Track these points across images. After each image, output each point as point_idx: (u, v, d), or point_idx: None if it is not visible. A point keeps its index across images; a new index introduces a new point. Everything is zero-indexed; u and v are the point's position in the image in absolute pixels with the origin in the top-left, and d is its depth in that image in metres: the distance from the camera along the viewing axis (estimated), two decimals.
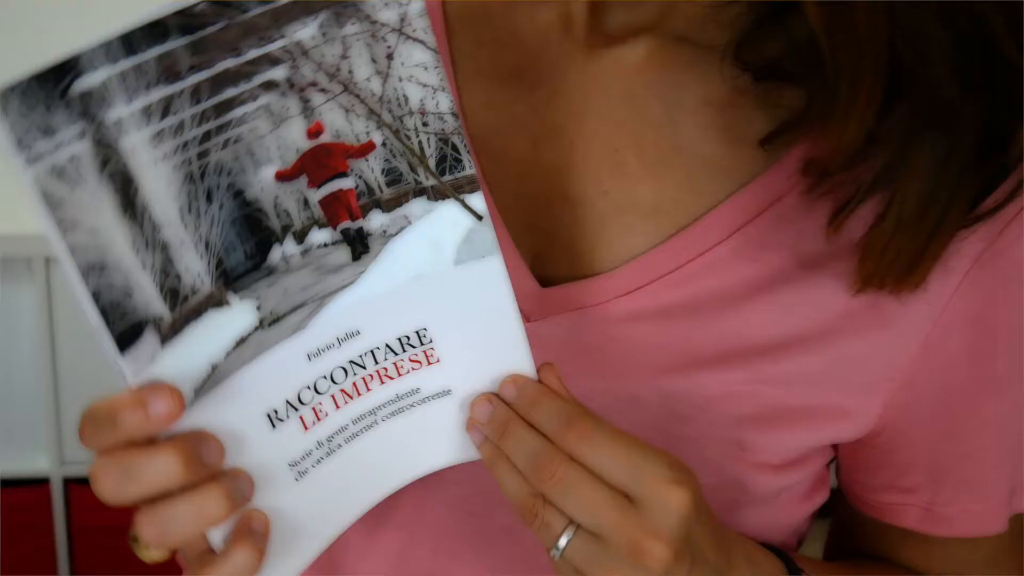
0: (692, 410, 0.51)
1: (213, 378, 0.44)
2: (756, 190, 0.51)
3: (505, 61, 0.55)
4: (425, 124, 0.45)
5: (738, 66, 0.49)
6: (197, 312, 0.43)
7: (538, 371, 0.46)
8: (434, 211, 0.46)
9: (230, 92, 0.41)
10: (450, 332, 0.47)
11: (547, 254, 0.54)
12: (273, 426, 0.46)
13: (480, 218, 0.46)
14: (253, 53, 0.40)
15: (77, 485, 1.56)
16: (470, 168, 0.45)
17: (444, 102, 0.44)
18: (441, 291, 0.47)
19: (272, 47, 0.41)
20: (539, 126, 0.54)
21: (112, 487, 0.41)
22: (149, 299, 0.42)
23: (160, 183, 0.41)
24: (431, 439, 0.49)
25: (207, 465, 0.42)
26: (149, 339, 0.42)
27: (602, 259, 0.53)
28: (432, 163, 0.45)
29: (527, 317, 0.53)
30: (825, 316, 0.51)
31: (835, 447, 0.57)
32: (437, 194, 0.46)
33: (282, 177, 0.44)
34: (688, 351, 0.51)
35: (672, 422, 0.51)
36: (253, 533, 0.44)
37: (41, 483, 1.56)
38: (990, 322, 0.51)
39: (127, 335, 0.41)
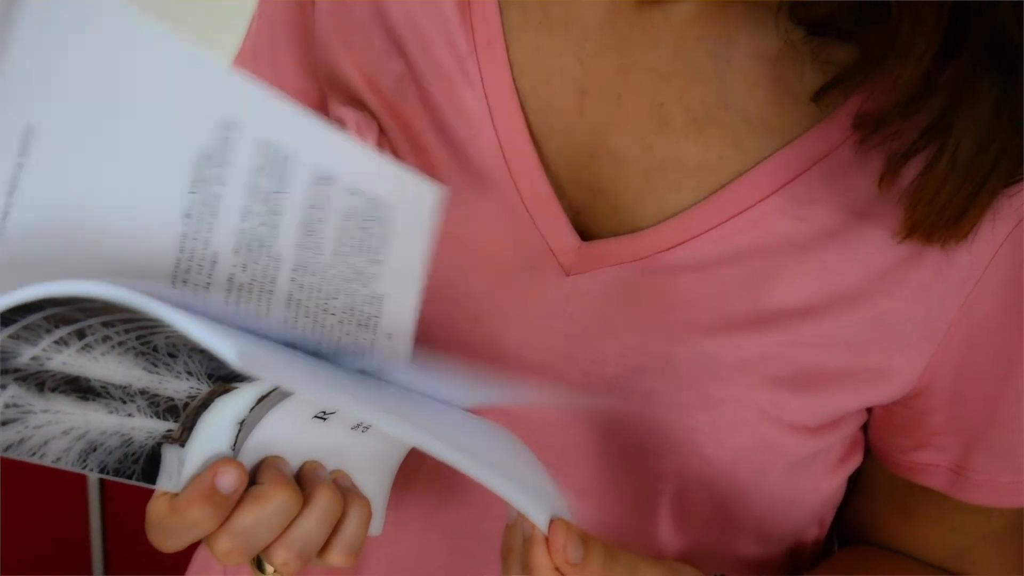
0: (729, 371, 0.51)
1: (244, 429, 0.44)
2: (802, 147, 0.51)
3: (553, 12, 0.54)
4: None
5: (792, 20, 0.48)
6: (204, 405, 0.42)
7: (551, 521, 0.43)
8: None
9: (147, 320, 0.35)
10: None
11: (589, 207, 0.54)
12: (324, 420, 0.46)
13: None
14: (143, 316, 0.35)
15: None
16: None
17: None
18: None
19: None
20: (585, 79, 0.53)
21: (242, 551, 0.43)
22: (150, 431, 0.41)
23: (110, 366, 0.38)
24: None
25: (289, 476, 0.45)
26: (170, 453, 0.42)
27: (645, 214, 0.53)
28: None
29: (567, 271, 0.53)
30: (868, 276, 0.50)
31: (869, 409, 0.56)
32: None
33: None
34: (727, 310, 0.51)
35: (708, 382, 0.51)
36: (349, 490, 0.47)
37: None
38: None
39: (149, 469, 0.41)
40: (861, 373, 0.51)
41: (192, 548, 0.76)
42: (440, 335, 0.53)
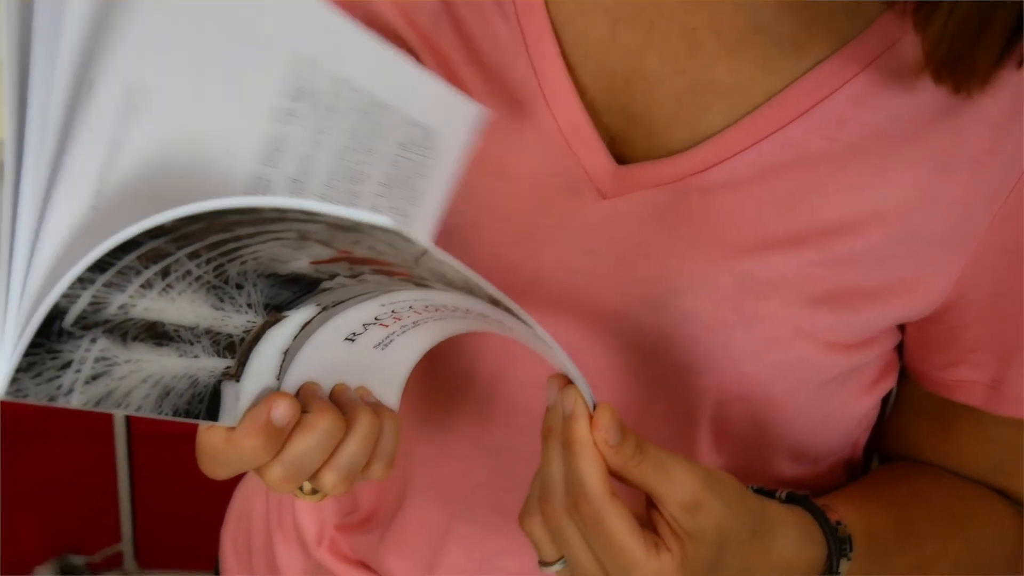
0: (764, 288, 0.52)
1: (288, 358, 0.46)
2: (831, 68, 0.52)
3: None
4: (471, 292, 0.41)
5: None
6: (257, 338, 0.44)
7: (596, 405, 0.45)
8: None
9: (232, 245, 0.37)
10: None
11: (625, 133, 0.55)
12: (353, 341, 0.48)
13: None
14: (246, 230, 0.36)
15: None
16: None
17: (484, 288, 0.39)
18: None
19: (267, 228, 0.36)
20: (618, 7, 0.54)
21: (294, 478, 0.45)
22: (212, 369, 0.42)
23: (183, 306, 0.39)
24: None
25: (330, 402, 0.47)
26: (228, 389, 0.44)
27: (679, 138, 0.54)
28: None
29: (603, 195, 0.54)
30: (899, 192, 0.51)
31: (902, 329, 0.57)
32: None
33: (319, 263, 0.41)
34: (762, 230, 0.52)
35: (744, 300, 0.52)
36: (378, 405, 0.50)
37: None
38: None
39: (212, 407, 0.43)
40: (894, 289, 0.52)
41: (219, 510, 0.78)
42: (483, 257, 0.54)
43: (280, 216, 0.34)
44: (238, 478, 0.70)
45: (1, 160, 0.37)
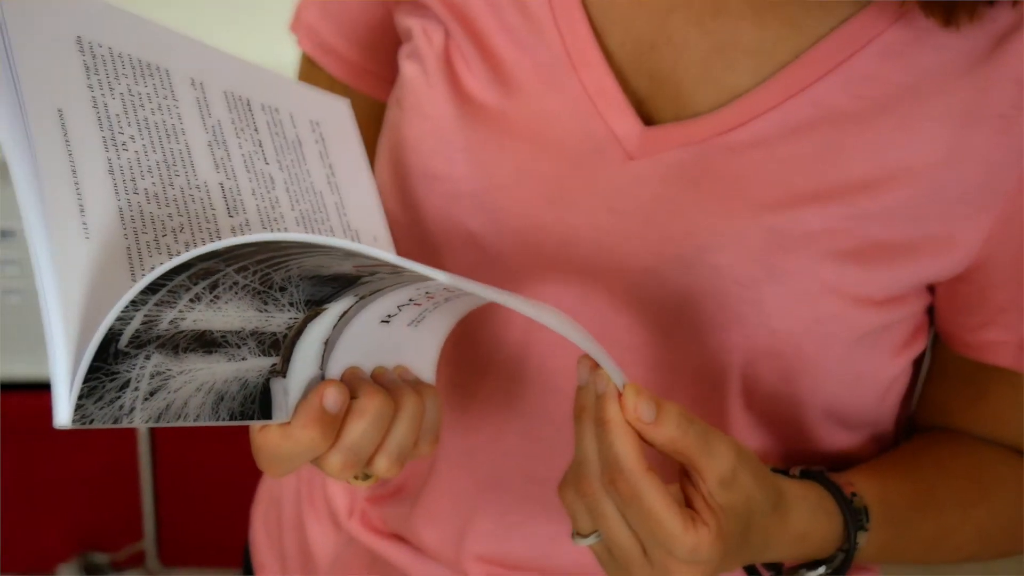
0: (793, 244, 0.52)
1: (328, 347, 0.47)
2: (857, 25, 0.52)
3: None
4: None
5: None
6: (299, 332, 0.45)
7: (625, 385, 0.46)
8: None
9: (280, 259, 0.39)
10: None
11: (652, 96, 0.55)
12: (388, 323, 0.49)
13: None
14: (296, 249, 0.38)
15: None
16: None
17: (510, 302, 0.43)
18: None
19: (316, 250, 0.38)
20: None
21: (353, 465, 0.47)
22: (260, 369, 0.44)
23: (230, 312, 0.41)
24: None
25: (377, 386, 0.48)
26: (276, 385, 0.45)
27: (706, 99, 0.54)
28: None
29: (631, 156, 0.54)
30: (926, 148, 0.51)
31: (932, 291, 0.57)
32: None
33: (362, 266, 0.42)
34: (789, 186, 0.52)
35: (773, 255, 0.52)
36: (418, 383, 0.51)
37: None
38: None
39: (264, 406, 0.44)
40: (922, 245, 0.52)
41: (243, 506, 0.79)
42: (513, 219, 0.55)
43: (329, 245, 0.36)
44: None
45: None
